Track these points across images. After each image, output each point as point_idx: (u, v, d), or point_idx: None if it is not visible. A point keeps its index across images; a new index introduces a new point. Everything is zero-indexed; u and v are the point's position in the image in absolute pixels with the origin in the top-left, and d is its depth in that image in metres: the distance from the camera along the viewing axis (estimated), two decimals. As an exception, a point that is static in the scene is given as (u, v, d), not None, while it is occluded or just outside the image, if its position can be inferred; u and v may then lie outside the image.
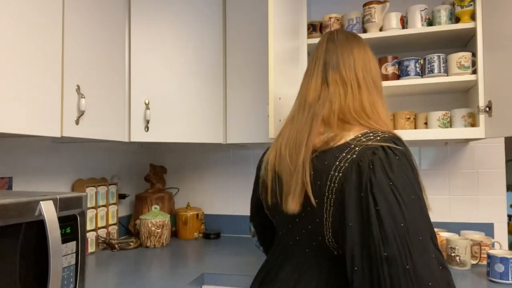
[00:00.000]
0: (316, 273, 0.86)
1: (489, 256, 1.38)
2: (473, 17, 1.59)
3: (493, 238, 1.79)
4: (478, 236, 1.62)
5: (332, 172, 0.81)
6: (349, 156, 0.80)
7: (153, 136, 1.69)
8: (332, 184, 0.80)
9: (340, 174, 0.80)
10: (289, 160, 0.88)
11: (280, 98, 1.35)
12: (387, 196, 0.73)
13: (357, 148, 0.80)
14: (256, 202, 1.12)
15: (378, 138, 0.81)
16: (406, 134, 1.61)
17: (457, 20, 1.64)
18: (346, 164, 0.80)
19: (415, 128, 1.69)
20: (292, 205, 0.86)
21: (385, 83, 1.67)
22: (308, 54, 1.78)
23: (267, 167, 0.97)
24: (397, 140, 0.80)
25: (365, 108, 0.89)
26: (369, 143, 0.80)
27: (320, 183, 0.82)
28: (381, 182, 0.74)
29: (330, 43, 0.98)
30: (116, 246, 1.86)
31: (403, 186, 0.74)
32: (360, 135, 0.83)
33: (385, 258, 0.70)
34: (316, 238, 0.86)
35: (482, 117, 1.52)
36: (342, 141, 0.84)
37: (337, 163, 0.81)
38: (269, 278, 0.96)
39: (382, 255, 0.70)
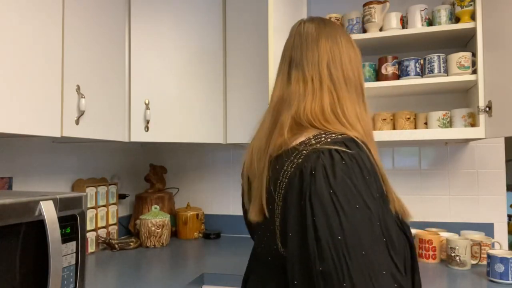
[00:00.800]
0: (276, 285, 0.80)
1: (489, 256, 1.38)
2: (473, 17, 1.59)
3: (493, 238, 1.79)
4: (478, 236, 1.62)
5: (280, 178, 0.75)
6: (295, 160, 0.74)
7: (153, 136, 1.69)
8: (280, 190, 0.75)
9: (286, 179, 0.74)
10: (256, 165, 0.84)
11: (280, 98, 1.34)
12: (326, 206, 0.66)
13: (304, 152, 0.74)
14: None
15: (329, 140, 0.73)
16: (406, 134, 1.61)
17: (457, 20, 1.64)
18: (292, 169, 0.74)
19: (415, 128, 1.69)
20: (253, 213, 0.83)
21: (385, 83, 1.67)
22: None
23: (243, 172, 0.92)
24: (350, 142, 0.73)
25: (324, 110, 0.80)
26: (318, 146, 0.73)
27: (272, 189, 0.77)
28: (320, 190, 0.67)
29: (297, 36, 0.89)
30: (116, 246, 1.86)
31: (346, 194, 0.66)
32: (311, 137, 0.76)
33: (320, 272, 0.64)
34: (272, 248, 0.80)
35: (482, 117, 1.52)
36: (292, 144, 0.77)
37: (285, 167, 0.75)
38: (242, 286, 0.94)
39: (317, 270, 0.65)
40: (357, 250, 0.64)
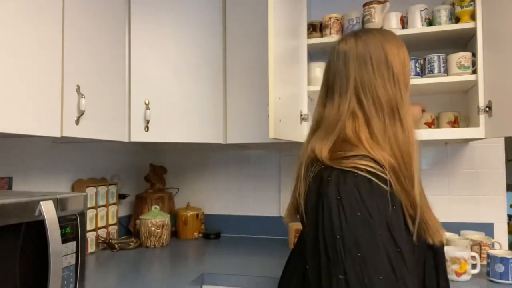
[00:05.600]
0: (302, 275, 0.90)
1: (489, 256, 1.38)
2: (473, 17, 1.59)
3: (493, 238, 1.79)
4: (478, 236, 1.62)
5: (307, 180, 0.86)
6: (318, 167, 0.84)
7: (153, 136, 1.69)
8: (305, 191, 0.86)
9: (310, 180, 0.85)
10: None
11: (280, 98, 1.34)
12: (331, 208, 0.75)
13: (327, 163, 0.83)
14: None
15: (352, 160, 0.79)
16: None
17: (457, 20, 1.64)
18: (315, 172, 0.84)
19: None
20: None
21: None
22: (308, 54, 1.78)
23: None
24: (369, 167, 0.77)
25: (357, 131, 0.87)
26: (340, 161, 0.80)
27: (301, 190, 0.88)
28: (330, 194, 0.76)
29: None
30: (116, 246, 1.86)
31: (351, 202, 0.74)
32: (338, 151, 0.83)
33: (324, 264, 0.74)
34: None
35: (482, 117, 1.52)
36: (321, 154, 0.87)
37: (311, 171, 0.86)
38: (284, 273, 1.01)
39: (321, 261, 0.75)
40: (352, 251, 0.71)
